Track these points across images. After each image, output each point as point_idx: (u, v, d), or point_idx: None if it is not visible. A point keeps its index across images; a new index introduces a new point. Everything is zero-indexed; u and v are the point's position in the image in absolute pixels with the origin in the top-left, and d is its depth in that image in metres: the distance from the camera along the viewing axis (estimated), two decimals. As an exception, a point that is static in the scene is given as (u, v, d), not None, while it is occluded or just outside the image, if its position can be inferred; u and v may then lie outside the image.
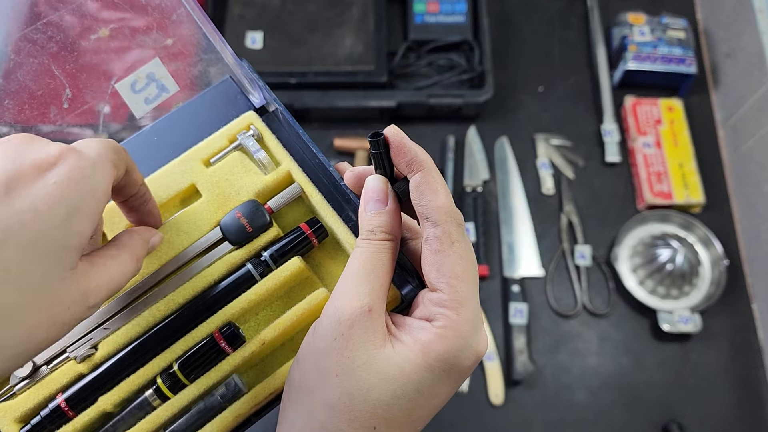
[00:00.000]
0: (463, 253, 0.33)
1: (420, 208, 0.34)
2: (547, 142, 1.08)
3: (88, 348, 0.40)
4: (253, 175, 0.42)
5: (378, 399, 0.30)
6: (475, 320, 0.32)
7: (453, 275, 0.32)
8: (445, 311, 0.32)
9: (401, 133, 0.34)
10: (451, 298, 0.32)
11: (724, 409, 0.92)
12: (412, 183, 0.34)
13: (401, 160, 0.34)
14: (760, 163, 0.98)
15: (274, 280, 0.40)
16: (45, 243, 0.28)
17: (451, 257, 0.32)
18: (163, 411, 0.38)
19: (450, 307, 0.32)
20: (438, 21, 1.11)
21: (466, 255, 0.33)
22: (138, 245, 0.36)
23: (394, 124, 0.35)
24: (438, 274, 0.32)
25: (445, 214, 0.33)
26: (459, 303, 0.32)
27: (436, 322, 0.32)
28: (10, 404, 0.39)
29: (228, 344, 0.39)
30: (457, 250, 0.33)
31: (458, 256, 0.32)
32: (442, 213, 0.33)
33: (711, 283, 0.98)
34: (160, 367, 0.39)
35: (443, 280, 0.32)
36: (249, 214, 0.41)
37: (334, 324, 0.31)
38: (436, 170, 0.34)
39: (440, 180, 0.34)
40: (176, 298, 0.40)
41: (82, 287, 0.30)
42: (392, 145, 0.34)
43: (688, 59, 1.07)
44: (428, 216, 0.33)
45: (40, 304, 0.28)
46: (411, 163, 0.34)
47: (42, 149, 0.30)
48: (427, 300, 0.33)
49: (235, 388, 0.39)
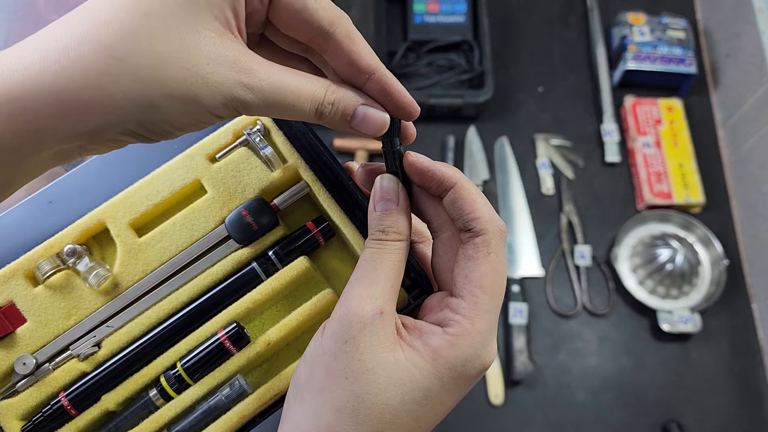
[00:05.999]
0: (497, 265, 0.32)
1: (459, 223, 0.33)
2: (546, 142, 1.08)
3: (91, 346, 0.39)
4: (259, 172, 0.42)
5: (387, 403, 0.30)
6: (488, 333, 0.32)
7: (479, 285, 0.32)
8: (460, 319, 0.32)
9: (420, 157, 0.34)
10: (470, 307, 0.32)
11: (724, 409, 0.92)
12: (446, 201, 0.34)
13: (431, 184, 0.34)
14: (759, 163, 0.98)
15: (280, 280, 0.40)
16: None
17: (483, 267, 0.32)
18: (166, 411, 0.38)
19: (466, 315, 0.31)
20: (438, 21, 1.11)
21: (499, 268, 0.32)
22: (319, 83, 0.31)
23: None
24: (465, 280, 0.32)
25: (485, 223, 0.32)
26: (477, 314, 0.31)
27: (449, 329, 0.32)
28: (12, 402, 0.38)
29: (233, 344, 0.39)
30: (491, 261, 0.32)
31: (491, 268, 0.32)
32: (483, 223, 0.32)
33: (711, 283, 0.98)
34: (164, 367, 0.39)
35: (467, 288, 0.32)
36: (255, 212, 0.40)
37: (345, 326, 0.31)
38: (468, 181, 0.34)
39: (475, 190, 0.33)
40: (180, 297, 0.40)
41: (232, 56, 0.28)
42: (416, 172, 0.34)
43: (688, 59, 1.07)
44: (470, 228, 0.33)
45: (170, 50, 0.26)
46: (441, 183, 0.34)
47: None
48: (445, 304, 0.33)
49: (240, 389, 0.38)
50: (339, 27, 0.30)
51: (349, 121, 0.32)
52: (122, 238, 0.41)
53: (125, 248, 0.41)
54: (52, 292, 0.40)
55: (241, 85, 0.28)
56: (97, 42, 0.25)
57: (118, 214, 0.41)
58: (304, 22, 0.29)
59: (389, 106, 0.32)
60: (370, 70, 0.31)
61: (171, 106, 0.27)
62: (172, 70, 0.27)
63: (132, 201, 0.41)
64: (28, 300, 0.40)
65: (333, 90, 0.31)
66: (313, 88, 0.30)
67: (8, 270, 0.40)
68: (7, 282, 0.40)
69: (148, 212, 0.42)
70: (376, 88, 0.32)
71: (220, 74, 0.28)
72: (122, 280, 0.40)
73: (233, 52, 0.28)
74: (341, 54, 0.31)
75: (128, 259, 0.41)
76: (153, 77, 0.26)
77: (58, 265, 0.40)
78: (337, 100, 0.31)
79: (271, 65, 0.30)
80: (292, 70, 0.31)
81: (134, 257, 0.41)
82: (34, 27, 1.07)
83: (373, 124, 0.32)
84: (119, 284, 0.40)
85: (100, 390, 0.39)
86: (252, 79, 0.28)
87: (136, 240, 0.41)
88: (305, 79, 0.30)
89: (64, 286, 0.40)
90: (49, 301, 0.40)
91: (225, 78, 0.28)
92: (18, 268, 0.40)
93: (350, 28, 0.31)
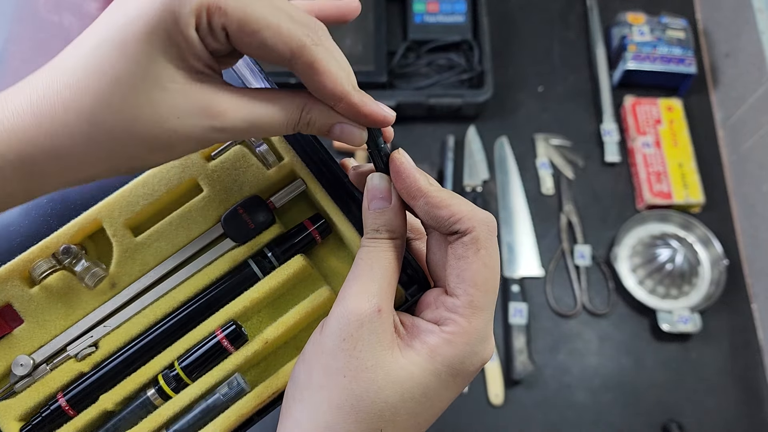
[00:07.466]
0: (488, 261, 0.32)
1: (443, 230, 0.33)
2: (546, 142, 1.08)
3: (88, 346, 0.39)
4: (255, 170, 0.41)
5: (386, 401, 0.30)
6: (485, 329, 0.32)
7: (472, 283, 0.32)
8: (456, 317, 0.32)
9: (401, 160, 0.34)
10: (465, 305, 0.32)
11: (724, 409, 0.92)
12: (420, 212, 0.34)
13: (400, 187, 0.34)
14: (759, 163, 0.98)
15: (278, 278, 0.40)
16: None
17: (474, 265, 0.32)
18: (165, 410, 0.38)
19: (462, 314, 0.32)
20: (438, 21, 1.10)
21: (490, 263, 0.32)
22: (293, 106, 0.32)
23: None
24: (458, 279, 0.32)
25: (469, 221, 0.32)
26: (472, 311, 0.32)
27: (446, 327, 0.32)
28: (9, 403, 0.38)
29: (231, 343, 0.39)
30: (482, 257, 0.32)
31: (482, 264, 0.32)
32: (466, 221, 0.32)
33: (711, 283, 0.98)
34: (162, 366, 0.39)
35: (461, 287, 0.32)
36: (251, 210, 0.40)
37: (343, 324, 0.31)
38: (438, 187, 0.33)
39: (447, 193, 0.33)
40: (177, 296, 0.40)
41: (200, 103, 0.29)
42: (394, 175, 0.34)
43: (688, 59, 1.07)
44: (455, 230, 0.32)
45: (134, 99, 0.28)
46: (410, 190, 0.34)
47: None
48: (441, 303, 0.33)
49: (238, 387, 0.38)
50: (300, 58, 0.29)
51: (328, 134, 0.33)
52: (118, 238, 0.41)
53: (121, 248, 0.41)
54: (49, 293, 0.40)
55: (213, 129, 0.30)
56: (78, 110, 0.28)
57: (113, 214, 0.41)
58: (265, 55, 0.30)
59: (363, 122, 0.33)
60: (336, 99, 0.31)
61: (150, 156, 0.31)
62: (145, 128, 0.29)
63: (128, 200, 0.41)
64: (24, 301, 0.40)
65: (308, 110, 0.32)
66: (286, 114, 0.32)
67: (4, 271, 0.40)
68: (3, 283, 0.40)
69: (144, 211, 0.41)
70: (345, 111, 0.32)
71: (190, 124, 0.29)
72: (119, 279, 0.40)
73: (201, 99, 0.29)
74: (307, 83, 0.31)
75: (124, 258, 0.41)
76: (128, 137, 0.29)
77: (54, 266, 0.40)
78: (313, 120, 0.32)
79: (242, 99, 0.31)
80: (266, 95, 0.31)
81: (130, 257, 0.41)
82: (34, 27, 1.07)
83: (350, 139, 0.33)
84: (116, 284, 0.40)
85: (98, 390, 0.39)
86: (222, 121, 0.30)
87: (132, 239, 0.41)
88: (279, 105, 0.31)
89: (61, 286, 0.40)
90: (45, 302, 0.40)
91: (195, 127, 0.30)
92: (14, 269, 0.40)
93: (314, 57, 0.30)
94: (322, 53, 0.30)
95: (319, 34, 0.30)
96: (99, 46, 0.28)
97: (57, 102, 0.28)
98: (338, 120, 0.32)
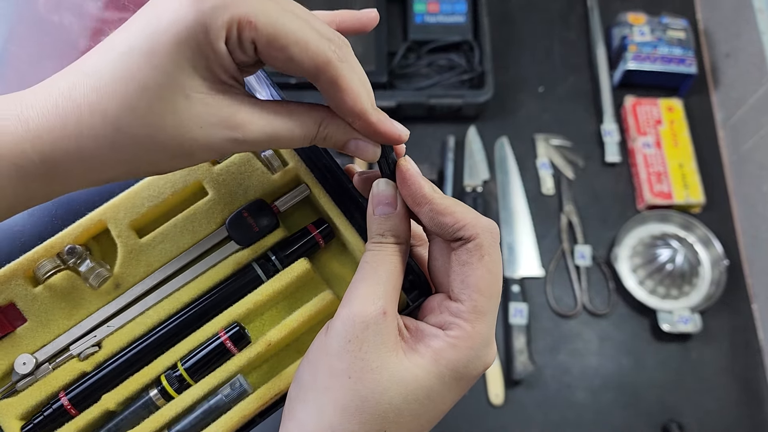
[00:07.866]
0: (492, 267, 0.33)
1: (447, 237, 0.34)
2: (547, 142, 1.08)
3: (91, 346, 0.39)
4: (260, 175, 0.42)
5: (390, 403, 0.31)
6: (488, 334, 0.33)
7: (476, 289, 0.32)
8: (460, 322, 0.32)
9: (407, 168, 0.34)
10: (469, 310, 0.32)
11: (724, 409, 0.92)
12: (425, 219, 0.34)
13: (406, 193, 0.34)
14: (760, 164, 0.98)
15: (281, 282, 0.40)
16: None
17: (479, 271, 0.32)
18: (167, 410, 0.38)
19: (467, 319, 0.32)
20: (438, 21, 1.10)
21: (494, 270, 0.33)
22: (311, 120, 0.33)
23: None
24: (462, 285, 0.32)
25: (473, 228, 0.32)
26: (476, 316, 0.32)
27: (450, 332, 0.32)
28: (11, 401, 0.38)
29: (234, 344, 0.39)
30: (486, 263, 0.32)
31: (486, 270, 0.32)
32: (470, 228, 0.32)
33: (711, 283, 0.98)
34: (165, 367, 0.39)
35: (465, 292, 0.32)
36: (255, 214, 0.41)
37: (349, 326, 0.31)
38: (441, 195, 0.34)
39: (451, 201, 0.34)
40: (181, 297, 0.40)
41: (223, 114, 0.30)
42: (400, 182, 0.34)
43: (688, 59, 1.07)
44: (459, 237, 0.33)
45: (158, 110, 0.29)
46: (415, 197, 0.34)
47: None
48: (445, 308, 0.33)
49: (241, 388, 0.38)
50: (324, 74, 0.30)
51: (342, 149, 0.34)
52: (123, 239, 0.41)
53: (126, 249, 0.41)
54: (53, 292, 0.40)
55: (233, 140, 0.31)
56: (103, 113, 0.29)
57: (119, 215, 0.41)
58: (290, 69, 0.30)
59: (378, 140, 0.34)
60: (354, 116, 0.32)
61: (170, 162, 0.31)
62: (167, 136, 0.29)
63: (133, 202, 0.41)
64: (28, 300, 0.40)
65: (325, 125, 0.33)
66: (304, 128, 0.32)
67: (8, 270, 0.40)
68: (7, 282, 0.40)
69: (148, 213, 0.42)
70: (362, 129, 0.33)
71: (211, 134, 0.30)
72: (123, 280, 0.41)
73: (223, 110, 0.30)
74: (327, 98, 0.32)
75: (129, 259, 0.41)
76: (151, 143, 0.30)
77: (59, 265, 0.40)
78: (329, 135, 0.33)
79: (262, 112, 0.31)
80: (286, 108, 0.32)
81: (135, 258, 0.41)
82: (34, 27, 1.07)
83: (364, 155, 0.34)
84: (120, 285, 0.40)
85: (100, 390, 0.39)
86: (243, 133, 0.31)
87: (137, 241, 0.41)
88: (298, 120, 0.32)
89: (65, 286, 0.40)
90: (49, 301, 0.40)
91: (216, 137, 0.30)
92: (18, 268, 0.40)
93: (339, 73, 0.30)
94: (345, 70, 0.30)
95: (344, 50, 0.31)
96: (128, 53, 0.28)
97: (83, 104, 0.28)
98: (354, 136, 0.33)
